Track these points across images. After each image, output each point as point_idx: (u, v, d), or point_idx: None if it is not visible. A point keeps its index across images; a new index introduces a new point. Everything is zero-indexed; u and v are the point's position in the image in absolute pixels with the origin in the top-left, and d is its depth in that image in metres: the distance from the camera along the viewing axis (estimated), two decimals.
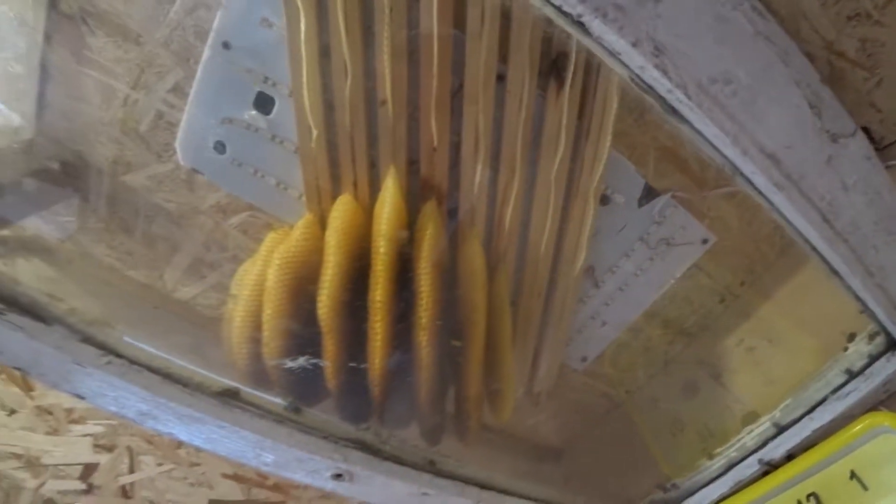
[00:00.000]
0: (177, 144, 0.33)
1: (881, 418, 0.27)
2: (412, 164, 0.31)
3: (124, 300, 0.39)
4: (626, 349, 0.41)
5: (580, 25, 0.17)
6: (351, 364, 0.27)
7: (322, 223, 0.31)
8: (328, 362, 0.27)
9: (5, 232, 0.33)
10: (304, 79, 0.29)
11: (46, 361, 0.24)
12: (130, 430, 0.42)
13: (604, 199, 0.34)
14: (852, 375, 0.28)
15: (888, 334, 0.27)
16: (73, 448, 0.43)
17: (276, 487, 0.45)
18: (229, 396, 0.26)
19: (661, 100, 0.19)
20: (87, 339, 0.25)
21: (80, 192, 0.36)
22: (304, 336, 0.27)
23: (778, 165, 0.21)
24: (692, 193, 0.34)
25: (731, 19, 0.18)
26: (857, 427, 0.28)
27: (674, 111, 0.19)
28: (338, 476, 0.27)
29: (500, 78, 0.29)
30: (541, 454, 0.43)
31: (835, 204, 0.25)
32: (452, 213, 0.32)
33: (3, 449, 0.42)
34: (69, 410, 0.42)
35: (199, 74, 0.31)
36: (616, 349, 0.41)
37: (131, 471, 0.44)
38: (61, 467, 0.43)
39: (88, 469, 0.43)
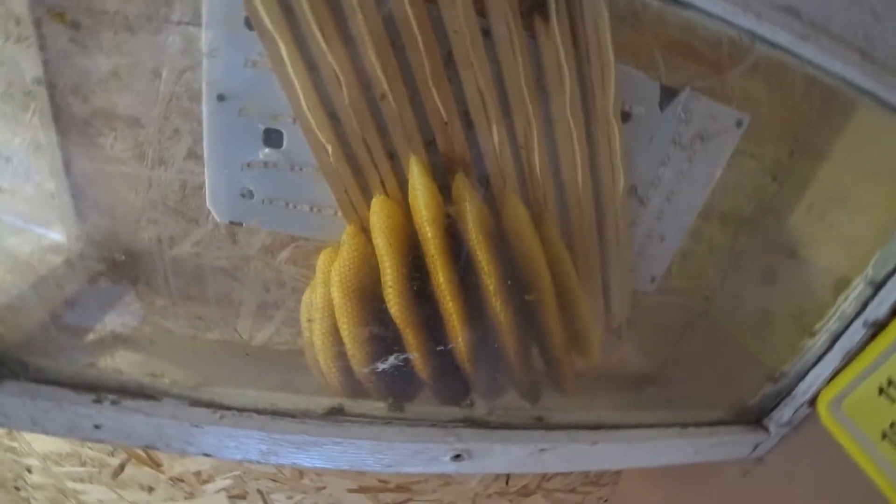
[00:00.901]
0: (209, 205, 0.34)
1: None
2: (430, 145, 0.31)
3: (211, 360, 0.41)
4: (690, 256, 0.40)
5: None
6: (437, 349, 0.27)
7: (364, 229, 0.32)
8: (415, 354, 0.27)
9: (91, 336, 0.35)
10: (303, 101, 0.29)
11: (169, 432, 0.26)
12: (255, 474, 0.45)
13: (624, 116, 0.33)
14: None
15: None
16: None
17: (399, 487, 0.47)
18: (336, 413, 0.27)
19: None
20: (196, 402, 0.26)
21: (138, 279, 0.38)
22: (385, 338, 0.28)
23: (798, 17, 0.20)
24: (711, 80, 0.33)
25: None
26: None
27: (675, 0, 0.19)
28: (457, 457, 0.28)
29: (486, 33, 0.29)
30: (637, 383, 0.43)
31: (869, 36, 0.23)
32: (483, 179, 0.32)
33: None
34: (197, 473, 0.45)
35: (205, 133, 0.32)
36: (681, 259, 0.40)
37: None
38: None
39: None
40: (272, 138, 0.32)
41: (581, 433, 0.30)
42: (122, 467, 0.44)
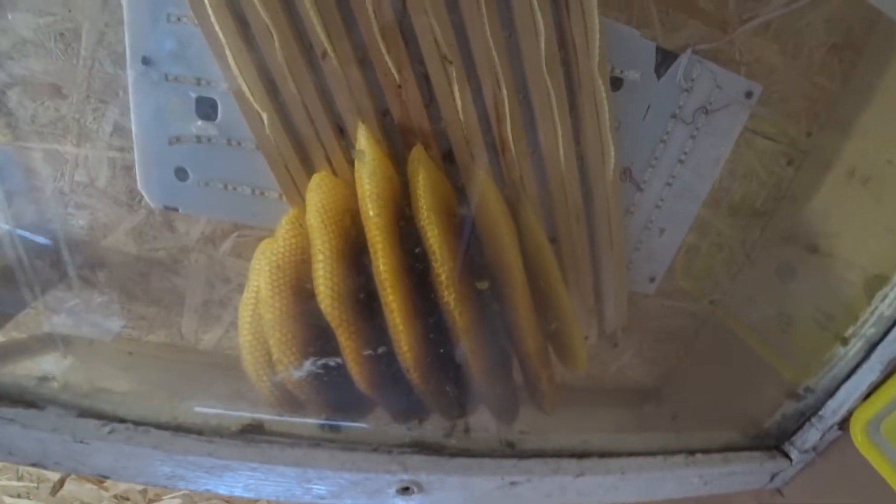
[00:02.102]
0: (140, 188, 0.30)
1: None
2: (384, 116, 0.26)
3: (153, 367, 0.37)
4: (696, 253, 0.35)
5: None
6: (374, 353, 0.22)
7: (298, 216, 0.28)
8: (349, 359, 0.23)
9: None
10: (232, 61, 0.25)
11: (54, 448, 0.22)
12: (205, 494, 0.40)
13: (615, 83, 0.28)
14: None
15: None
16: None
17: None
18: (252, 432, 0.22)
19: None
20: (85, 412, 0.22)
21: (71, 271, 0.34)
22: (314, 339, 0.23)
23: None
24: (717, 40, 0.28)
25: None
26: None
27: None
28: (405, 490, 0.23)
29: None
30: (635, 400, 0.37)
31: None
32: (446, 153, 0.27)
33: None
34: (143, 492, 0.40)
35: (131, 103, 0.28)
36: (686, 256, 0.35)
37: None
38: None
39: None
40: (205, 109, 0.28)
41: (563, 462, 0.25)
42: (61, 483, 0.39)
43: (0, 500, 0.41)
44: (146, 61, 0.27)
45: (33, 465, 0.23)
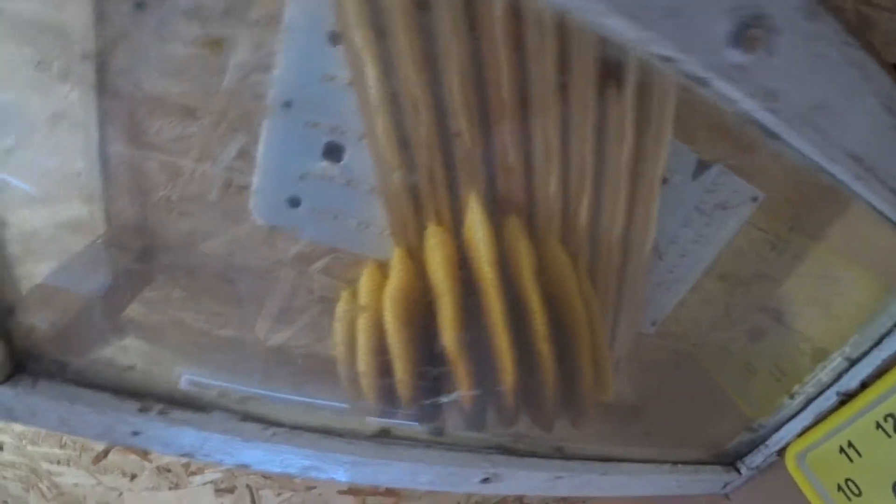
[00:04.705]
0: (251, 207, 0.34)
1: None
2: (489, 184, 0.32)
3: (221, 357, 0.40)
4: (686, 305, 0.44)
5: (700, 81, 0.18)
6: (483, 385, 0.29)
7: (411, 255, 0.33)
8: (462, 388, 0.29)
9: (113, 327, 0.34)
10: (379, 124, 0.30)
11: (213, 445, 0.26)
12: (248, 470, 0.44)
13: (663, 181, 0.36)
14: None
15: None
16: (197, 497, 0.45)
17: (388, 492, 0.48)
18: (383, 436, 0.28)
19: (763, 128, 0.21)
20: (247, 417, 0.27)
21: (162, 270, 0.36)
22: (434, 369, 0.29)
23: (860, 163, 0.23)
24: (741, 158, 0.36)
25: (827, 55, 0.19)
26: None
27: (773, 135, 0.21)
28: (486, 480, 0.30)
29: (562, 88, 0.30)
30: (623, 416, 0.47)
31: None
32: (531, 222, 0.34)
33: None
34: (187, 465, 0.44)
35: (263, 137, 0.32)
36: (677, 306, 0.44)
37: None
38: None
39: None
40: (333, 152, 0.32)
41: (594, 464, 0.33)
42: (105, 453, 0.42)
43: (38, 466, 0.43)
44: (288, 105, 0.31)
45: (183, 455, 0.27)
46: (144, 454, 0.43)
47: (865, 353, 0.34)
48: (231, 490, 0.46)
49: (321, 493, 0.47)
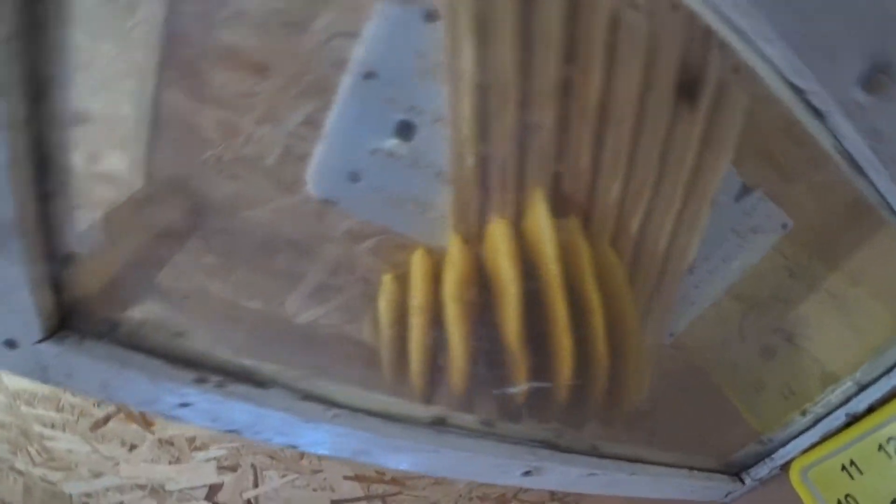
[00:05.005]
0: (308, 176, 0.33)
1: None
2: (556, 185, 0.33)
3: (244, 329, 0.39)
4: (702, 320, 0.46)
5: (817, 113, 0.19)
6: (540, 380, 0.29)
7: (468, 243, 0.33)
8: (519, 381, 0.29)
9: (147, 286, 0.32)
10: (466, 107, 0.29)
11: (268, 422, 0.26)
12: (253, 449, 0.43)
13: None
14: None
15: None
16: (198, 472, 0.43)
17: (393, 481, 0.48)
18: (439, 424, 0.28)
19: (856, 164, 0.22)
20: (308, 396, 0.26)
21: (197, 232, 0.35)
22: (492, 361, 0.29)
23: None
24: (781, 186, 0.38)
25: None
26: None
27: (862, 172, 0.23)
28: (527, 473, 0.30)
29: (641, 96, 0.31)
30: (633, 419, 0.48)
31: None
32: (586, 225, 0.34)
33: (127, 482, 0.42)
34: (191, 439, 0.42)
35: (337, 106, 0.31)
36: (694, 320, 0.46)
37: (256, 485, 0.45)
38: (186, 491, 0.44)
39: (213, 489, 0.44)
40: (404, 130, 0.32)
41: (623, 464, 0.34)
42: (106, 419, 0.39)
43: (30, 428, 0.40)
44: (369, 76, 0.30)
45: (230, 432, 0.26)
46: (148, 425, 0.41)
47: (875, 380, 0.36)
48: (234, 468, 0.44)
49: (326, 476, 0.46)
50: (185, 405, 0.25)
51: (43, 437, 0.40)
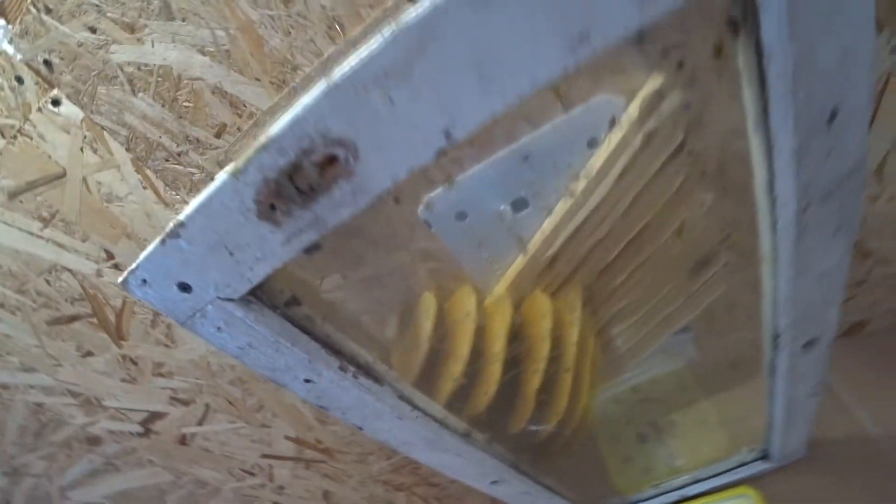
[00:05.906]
0: (426, 199, 0.38)
1: (746, 490, 0.51)
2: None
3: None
4: (607, 400, 0.61)
5: None
6: (535, 424, 0.39)
7: (509, 302, 0.41)
8: (518, 423, 0.38)
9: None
10: (568, 221, 0.37)
11: (366, 412, 0.29)
12: (216, 391, 0.43)
13: None
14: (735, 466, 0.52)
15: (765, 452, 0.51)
16: (148, 396, 0.42)
17: (325, 451, 0.52)
18: (468, 435, 0.36)
19: None
20: (402, 397, 0.31)
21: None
22: (504, 395, 0.38)
23: None
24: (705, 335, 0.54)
25: None
26: (729, 492, 0.51)
27: None
28: (494, 482, 0.40)
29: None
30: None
31: None
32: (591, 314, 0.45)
33: (59, 385, 0.39)
34: (159, 364, 0.40)
35: (485, 163, 0.36)
36: (603, 399, 0.60)
37: (199, 424, 0.45)
38: (123, 411, 0.42)
39: (154, 416, 0.43)
40: (519, 204, 0.38)
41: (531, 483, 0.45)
42: (71, 319, 0.36)
43: None
44: (526, 159, 0.36)
45: (330, 412, 0.30)
46: (120, 339, 0.39)
47: (706, 479, 0.53)
48: (187, 403, 0.43)
49: (269, 433, 0.48)
50: (307, 381, 0.26)
51: None
